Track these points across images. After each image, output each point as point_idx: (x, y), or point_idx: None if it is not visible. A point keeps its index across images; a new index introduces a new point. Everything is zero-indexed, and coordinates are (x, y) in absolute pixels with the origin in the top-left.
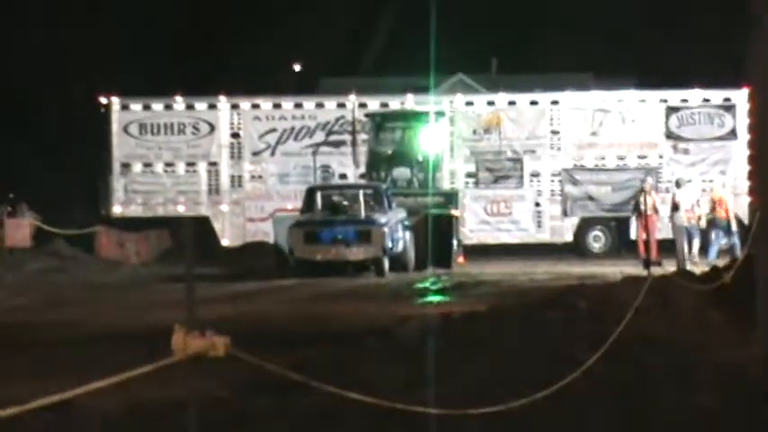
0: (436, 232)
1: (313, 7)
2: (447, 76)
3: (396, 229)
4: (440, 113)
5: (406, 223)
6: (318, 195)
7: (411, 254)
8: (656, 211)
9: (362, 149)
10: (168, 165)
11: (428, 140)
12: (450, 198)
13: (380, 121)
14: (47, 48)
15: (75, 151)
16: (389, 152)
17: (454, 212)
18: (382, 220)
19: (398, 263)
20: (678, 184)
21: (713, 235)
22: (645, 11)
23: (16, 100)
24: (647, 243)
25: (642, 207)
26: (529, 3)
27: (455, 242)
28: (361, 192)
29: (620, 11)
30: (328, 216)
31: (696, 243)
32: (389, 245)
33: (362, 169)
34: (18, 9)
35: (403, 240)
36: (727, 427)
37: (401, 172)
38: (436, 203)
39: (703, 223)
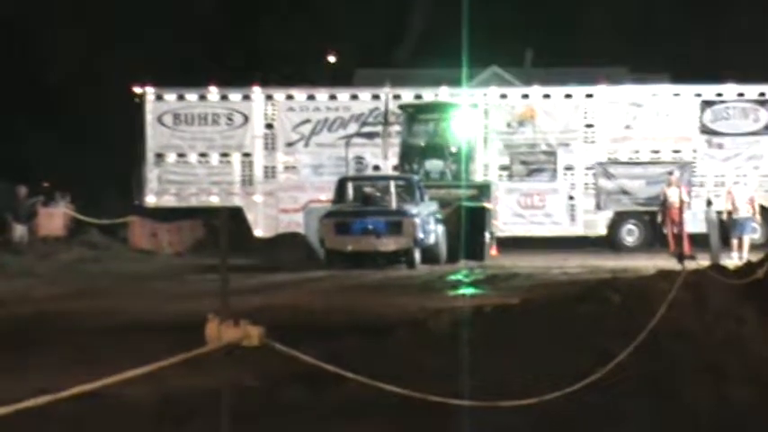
0: (468, 224)
1: None
2: (482, 69)
3: (427, 221)
4: (473, 105)
5: (438, 216)
6: (350, 186)
7: (443, 246)
8: (683, 203)
9: (395, 141)
10: (202, 155)
11: (461, 132)
12: (483, 190)
13: (413, 113)
14: (81, 38)
15: (109, 141)
16: (422, 144)
17: (487, 205)
18: (413, 211)
19: (430, 255)
20: (736, 182)
21: None
22: (680, 5)
23: (51, 90)
24: (677, 237)
25: (671, 200)
26: None
27: (487, 235)
28: (392, 183)
29: (656, 4)
30: (359, 207)
31: (746, 239)
32: (420, 236)
33: (392, 161)
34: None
35: (434, 232)
36: (759, 422)
37: (434, 164)
38: (469, 196)
39: None
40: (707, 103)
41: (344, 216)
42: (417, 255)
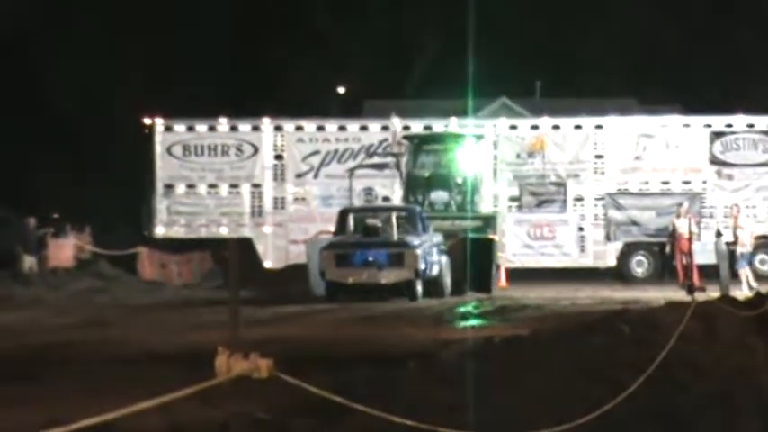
0: (474, 256)
1: (358, 30)
2: (491, 100)
3: (430, 252)
4: (479, 136)
5: (442, 247)
6: (351, 217)
7: (447, 278)
8: (692, 234)
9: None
10: (211, 186)
11: (467, 163)
12: (489, 221)
13: (418, 144)
14: (92, 69)
15: (118, 172)
16: (427, 175)
17: (492, 236)
18: (415, 242)
19: (434, 287)
20: (739, 208)
21: None
22: (689, 36)
23: (62, 122)
24: (687, 268)
25: (680, 231)
26: (573, 27)
27: (494, 266)
28: (394, 214)
29: (665, 36)
30: (360, 238)
31: (748, 271)
32: (423, 267)
33: (401, 192)
34: (64, 32)
35: (438, 264)
36: None
37: (439, 195)
38: (474, 227)
39: None
40: (717, 135)
41: (345, 248)
42: (419, 287)
